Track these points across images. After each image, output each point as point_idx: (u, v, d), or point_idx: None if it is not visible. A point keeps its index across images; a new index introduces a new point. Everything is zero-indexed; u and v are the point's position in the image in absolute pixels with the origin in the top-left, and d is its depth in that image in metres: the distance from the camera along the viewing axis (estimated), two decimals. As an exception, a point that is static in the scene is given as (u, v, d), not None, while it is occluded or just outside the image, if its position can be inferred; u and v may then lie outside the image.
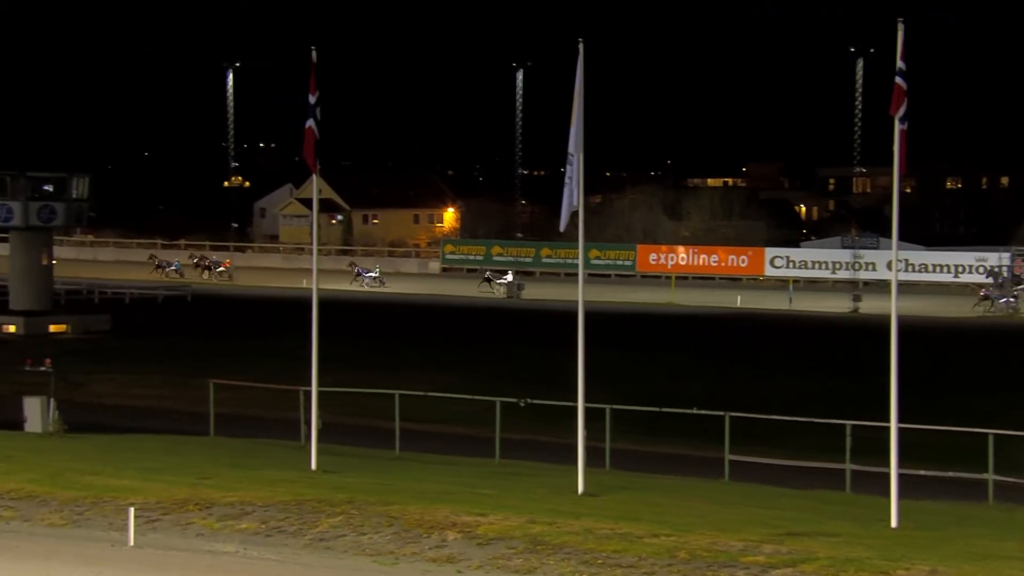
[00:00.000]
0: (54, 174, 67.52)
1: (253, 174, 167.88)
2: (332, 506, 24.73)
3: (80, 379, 49.08)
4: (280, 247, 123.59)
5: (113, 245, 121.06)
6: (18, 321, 65.53)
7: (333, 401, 37.02)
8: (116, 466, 29.07)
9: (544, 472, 31.23)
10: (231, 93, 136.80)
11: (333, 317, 41.47)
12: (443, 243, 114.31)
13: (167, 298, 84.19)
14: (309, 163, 28.68)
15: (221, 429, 37.40)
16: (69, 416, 35.95)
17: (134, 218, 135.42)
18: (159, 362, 55.75)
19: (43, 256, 67.28)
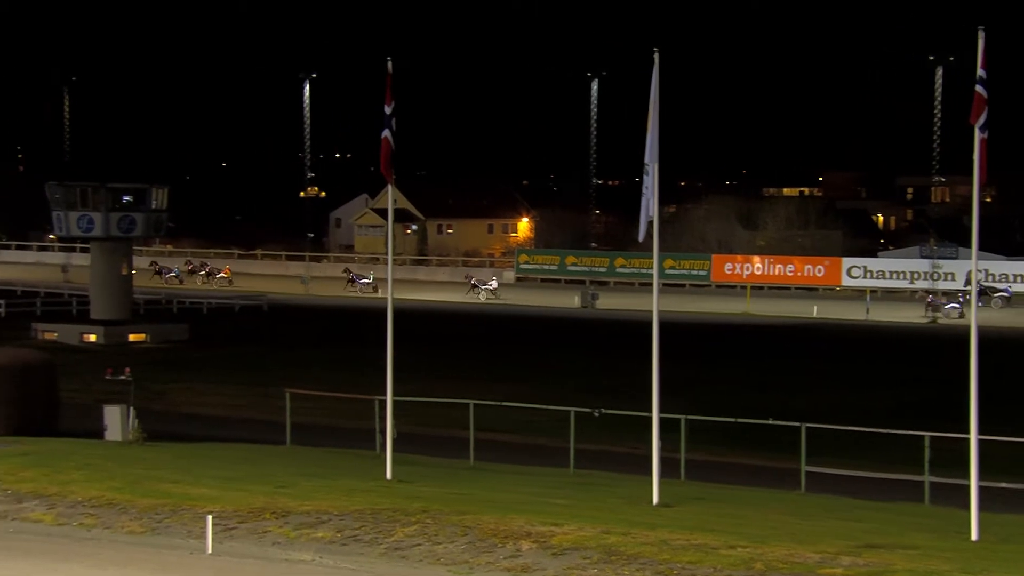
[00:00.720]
0: (134, 185, 68.35)
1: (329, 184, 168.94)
2: (407, 515, 24.81)
3: (159, 388, 49.60)
4: (355, 257, 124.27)
5: (191, 255, 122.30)
6: (99, 330, 66.35)
7: (408, 411, 37.16)
8: (194, 474, 29.34)
9: (619, 482, 31.15)
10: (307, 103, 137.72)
11: (407, 326, 41.60)
12: (517, 253, 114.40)
13: (244, 308, 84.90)
14: (385, 173, 28.82)
15: (298, 438, 37.64)
16: (148, 424, 36.33)
17: (211, 228, 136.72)
18: (236, 371, 56.22)
19: (123, 266, 68.09)
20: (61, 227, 68.29)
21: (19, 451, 31.95)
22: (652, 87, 25.77)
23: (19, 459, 30.71)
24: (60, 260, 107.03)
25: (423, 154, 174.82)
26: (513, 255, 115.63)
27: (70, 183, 67.77)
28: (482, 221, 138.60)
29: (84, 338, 66.21)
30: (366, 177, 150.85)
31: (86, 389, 46.97)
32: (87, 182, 67.41)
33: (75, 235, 70.84)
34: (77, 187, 67.09)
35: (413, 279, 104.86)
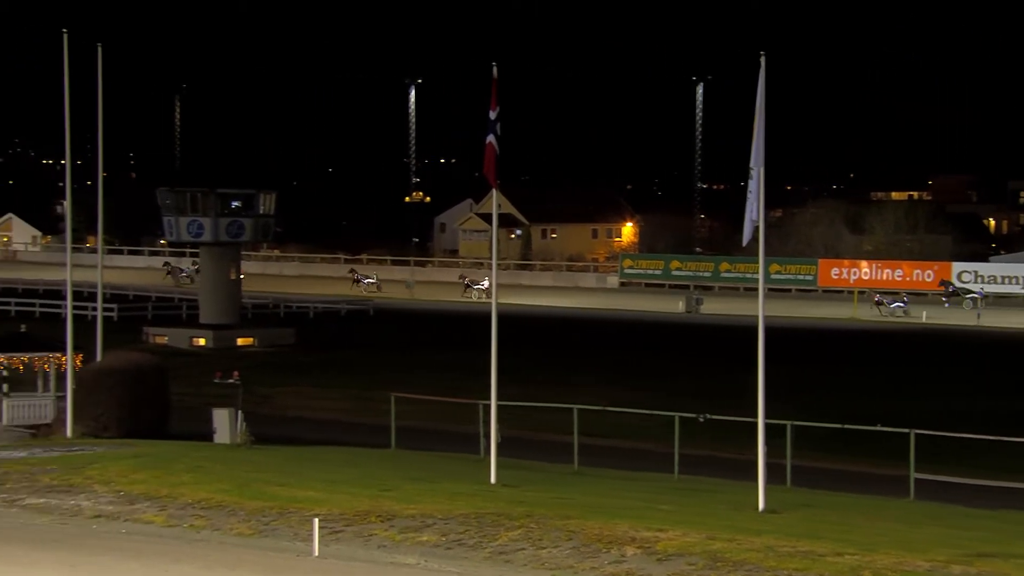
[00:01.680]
0: (242, 190, 69.10)
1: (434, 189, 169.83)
2: (511, 520, 24.84)
3: (266, 391, 50.12)
4: (459, 261, 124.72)
5: (298, 260, 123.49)
6: (208, 334, 67.20)
7: (512, 415, 37.19)
8: (301, 477, 29.62)
9: (724, 488, 30.93)
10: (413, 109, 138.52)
11: (511, 331, 41.66)
12: (621, 258, 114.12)
13: (350, 312, 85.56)
14: (489, 178, 28.90)
15: (402, 442, 37.85)
16: (255, 427, 36.73)
17: (317, 233, 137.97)
18: (341, 375, 56.66)
19: (231, 271, 68.90)
20: (172, 232, 69.30)
21: (131, 453, 32.47)
22: (758, 90, 25.58)
23: (131, 461, 31.22)
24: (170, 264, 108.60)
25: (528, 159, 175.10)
26: (617, 260, 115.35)
27: (180, 189, 68.69)
28: (586, 226, 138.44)
29: (193, 342, 67.09)
30: (471, 182, 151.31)
31: (195, 392, 47.61)
32: (197, 188, 68.26)
33: (185, 240, 71.87)
34: (187, 193, 67.98)
35: (517, 284, 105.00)
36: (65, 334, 37.51)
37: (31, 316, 72.65)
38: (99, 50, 39.04)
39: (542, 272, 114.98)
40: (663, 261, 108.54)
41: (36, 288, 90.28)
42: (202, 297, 69.68)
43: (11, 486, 29.07)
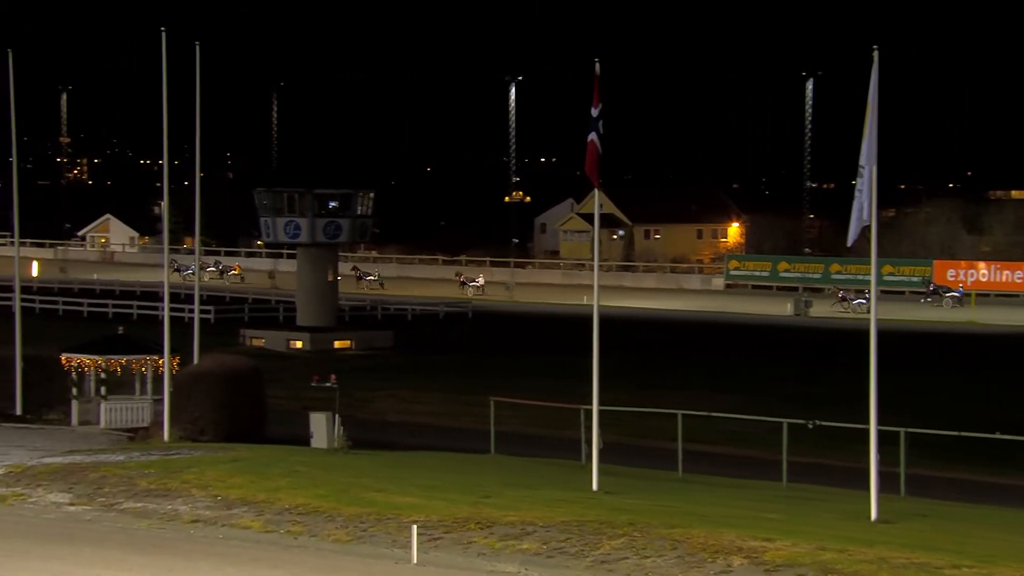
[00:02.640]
0: (340, 190, 69.59)
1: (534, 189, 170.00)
2: (614, 528, 24.78)
3: (363, 395, 50.45)
4: (560, 263, 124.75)
5: (396, 261, 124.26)
6: (305, 337, 67.80)
7: (614, 420, 37.12)
8: (399, 483, 29.77)
9: (834, 497, 30.63)
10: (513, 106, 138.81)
11: (612, 334, 41.60)
12: (727, 259, 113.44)
13: (448, 314, 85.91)
14: (591, 177, 28.86)
15: (502, 447, 37.91)
16: (353, 432, 36.98)
17: (416, 234, 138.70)
18: (440, 379, 56.88)
19: (329, 272, 69.45)
20: (268, 233, 70.02)
21: (228, 457, 32.85)
22: (871, 86, 25.30)
23: (228, 465, 31.59)
24: (267, 266, 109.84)
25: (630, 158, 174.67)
26: (723, 261, 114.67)
27: (277, 189, 69.33)
28: (690, 226, 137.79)
29: (291, 344, 67.73)
30: (572, 181, 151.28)
31: (292, 396, 48.04)
32: (294, 188, 68.86)
33: (282, 241, 72.57)
34: (284, 193, 68.62)
35: (619, 286, 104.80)
36: (162, 336, 38.04)
37: (128, 318, 73.81)
38: (197, 48, 39.55)
39: (645, 274, 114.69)
40: (770, 262, 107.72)
41: (133, 290, 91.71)
42: (299, 299, 70.30)
43: (109, 490, 29.55)
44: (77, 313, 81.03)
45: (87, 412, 40.01)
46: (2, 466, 32.15)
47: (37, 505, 28.92)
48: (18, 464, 32.30)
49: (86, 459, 32.80)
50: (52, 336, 53.57)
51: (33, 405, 40.84)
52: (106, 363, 39.68)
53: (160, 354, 38.69)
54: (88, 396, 40.15)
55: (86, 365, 39.79)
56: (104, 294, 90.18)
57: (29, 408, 40.85)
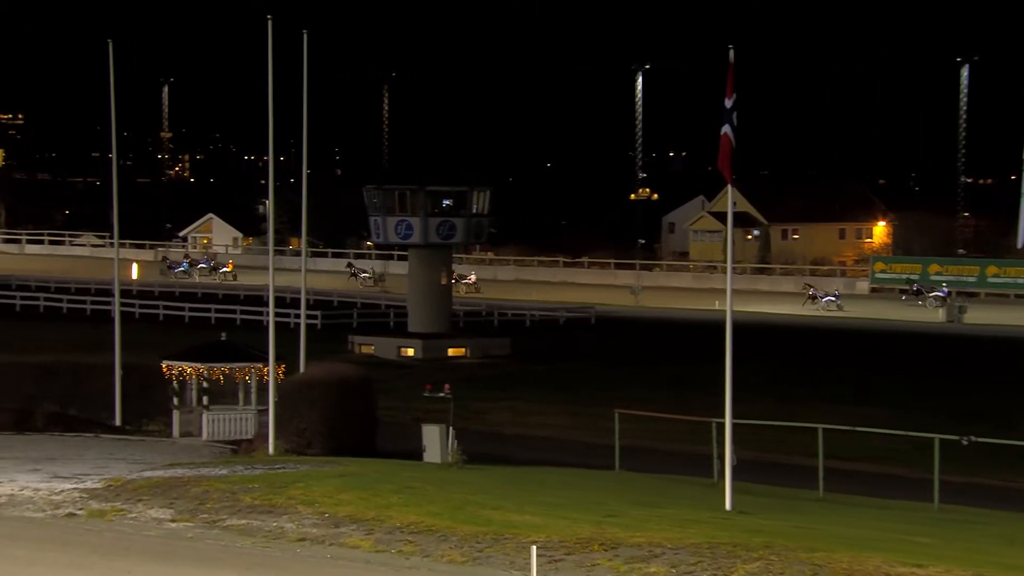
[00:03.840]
0: (454, 188, 69.79)
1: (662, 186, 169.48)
2: (748, 551, 24.63)
3: (479, 406, 50.60)
4: (690, 265, 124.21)
5: (513, 263, 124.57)
6: (416, 344, 68.15)
7: (748, 435, 36.87)
8: (517, 500, 29.82)
9: (992, 519, 30.17)
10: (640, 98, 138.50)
11: (746, 342, 41.28)
12: (872, 260, 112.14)
13: (569, 320, 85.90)
14: (724, 173, 28.72)
15: (627, 463, 37.84)
16: (468, 445, 37.12)
17: (535, 234, 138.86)
18: (560, 389, 56.87)
19: (442, 275, 69.76)
20: (378, 234, 70.47)
21: (336, 472, 33.14)
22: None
23: (337, 481, 31.86)
24: (378, 269, 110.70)
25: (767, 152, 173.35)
26: (868, 263, 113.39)
27: (388, 187, 69.70)
28: (832, 225, 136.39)
29: (402, 352, 68.12)
30: (702, 178, 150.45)
31: (404, 407, 48.36)
32: (405, 185, 69.17)
33: (393, 242, 73.01)
34: (395, 191, 68.99)
35: (754, 289, 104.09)
36: (267, 343, 38.47)
37: (231, 323, 74.82)
38: (304, 38, 40.00)
39: (782, 277, 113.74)
40: (920, 264, 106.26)
41: (237, 293, 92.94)
42: (411, 304, 70.69)
43: (212, 506, 29.96)
44: (178, 318, 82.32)
45: (188, 423, 40.62)
46: (101, 479, 32.75)
47: (137, 521, 29.41)
48: (118, 477, 32.88)
49: (188, 473, 33.29)
50: (152, 343, 54.46)
51: (133, 415, 41.56)
52: (208, 371, 40.23)
53: (265, 362, 39.13)
54: (189, 406, 40.76)
55: (187, 373, 40.39)
56: (206, 298, 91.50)
57: (129, 419, 41.57)
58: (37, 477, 33.16)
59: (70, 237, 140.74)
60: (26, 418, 40.96)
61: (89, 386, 42.05)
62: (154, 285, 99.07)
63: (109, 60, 42.51)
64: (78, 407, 41.79)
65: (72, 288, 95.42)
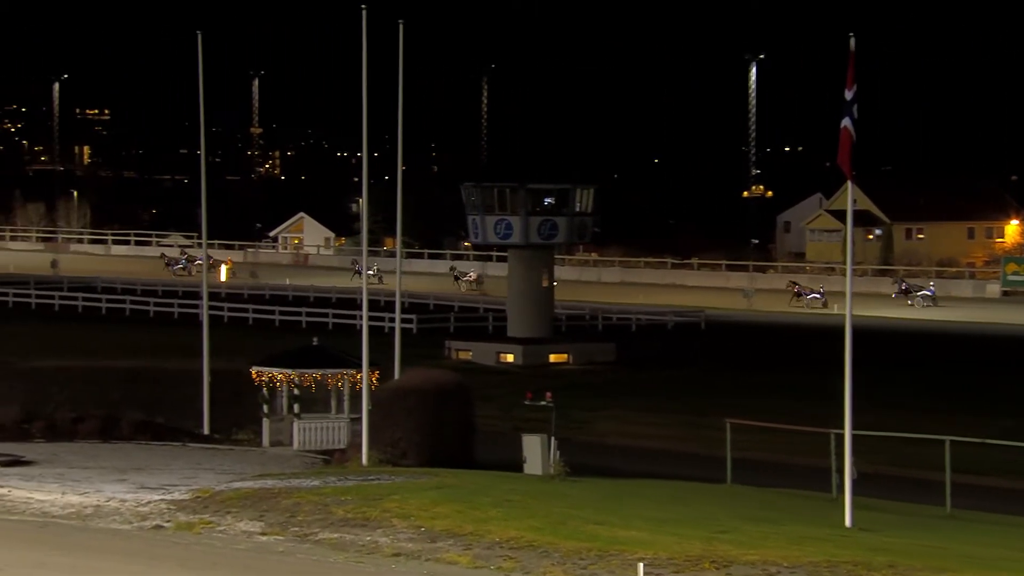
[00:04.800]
0: (556, 185, 69.81)
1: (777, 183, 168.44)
2: (871, 570, 24.43)
3: (582, 416, 50.60)
4: (807, 267, 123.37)
5: (618, 265, 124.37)
6: (516, 350, 68.24)
7: (870, 447, 36.57)
8: (622, 515, 29.79)
9: None
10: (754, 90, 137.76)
11: (868, 348, 40.96)
12: (1004, 262, 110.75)
13: (677, 325, 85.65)
14: (844, 169, 28.52)
15: (739, 476, 37.66)
16: (571, 456, 37.12)
17: (642, 234, 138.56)
18: (669, 398, 56.74)
19: (543, 277, 69.78)
20: (477, 233, 70.63)
21: (433, 484, 33.27)
22: None
23: (433, 493, 31.98)
24: (475, 270, 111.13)
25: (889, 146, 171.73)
26: (999, 264, 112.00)
27: (487, 184, 69.86)
28: (960, 224, 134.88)
29: (501, 358, 68.24)
30: (820, 174, 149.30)
31: (503, 416, 48.45)
32: (505, 183, 69.29)
33: (491, 242, 73.15)
34: (494, 188, 69.13)
35: (875, 292, 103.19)
36: (361, 348, 38.68)
37: (323, 328, 75.36)
38: (400, 28, 40.21)
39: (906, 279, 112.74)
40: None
41: (329, 296, 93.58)
42: (510, 307, 70.79)
43: (303, 519, 30.18)
44: (268, 322, 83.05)
45: (279, 432, 40.97)
46: (189, 490, 33.11)
47: (226, 534, 29.70)
48: (206, 488, 33.22)
49: (278, 484, 33.57)
50: (242, 348, 54.99)
51: (222, 424, 41.97)
52: (299, 378, 40.53)
53: (358, 368, 39.35)
54: (280, 414, 41.10)
55: (278, 380, 40.73)
56: (297, 301, 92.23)
57: (217, 427, 41.99)
58: (123, 487, 33.60)
59: (157, 237, 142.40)
60: (112, 426, 41.52)
61: (177, 393, 42.54)
62: (243, 288, 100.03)
63: (198, 52, 42.98)
64: (165, 415, 42.28)
65: (159, 291, 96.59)
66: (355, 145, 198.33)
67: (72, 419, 41.52)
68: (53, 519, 31.36)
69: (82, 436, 41.08)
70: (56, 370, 43.93)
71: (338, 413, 40.92)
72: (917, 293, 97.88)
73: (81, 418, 41.58)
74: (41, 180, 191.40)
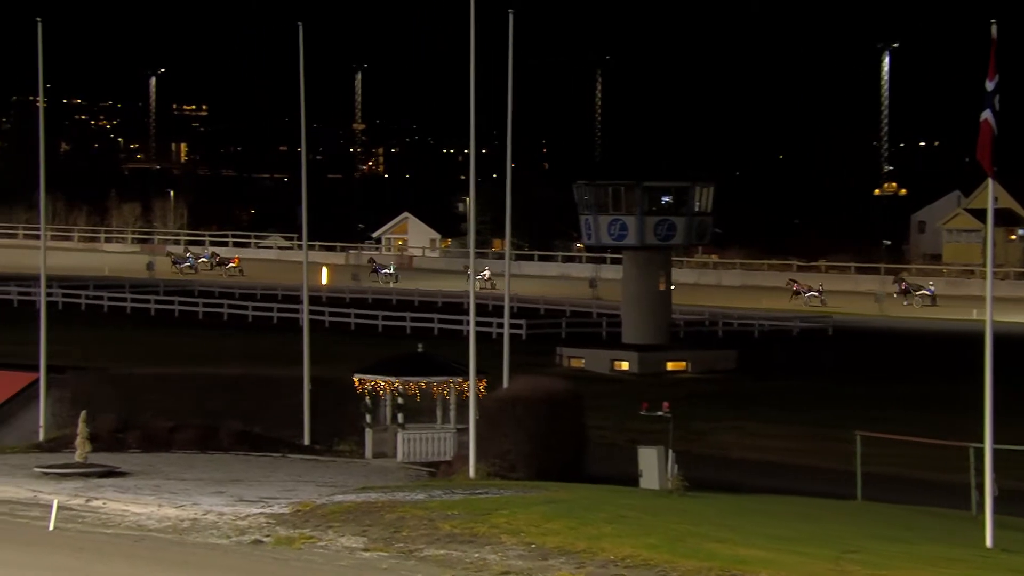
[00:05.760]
0: (674, 183, 69.68)
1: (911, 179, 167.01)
2: (1011, 594, 24.12)
3: (701, 427, 50.45)
4: (943, 269, 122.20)
5: (740, 267, 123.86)
6: (631, 357, 68.18)
7: (1013, 462, 36.09)
8: (744, 532, 29.64)
9: None
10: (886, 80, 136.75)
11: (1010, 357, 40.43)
12: None
13: (803, 331, 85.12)
14: (984, 164, 28.18)
15: (870, 492, 37.36)
16: (689, 470, 36.98)
17: (765, 235, 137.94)
18: (794, 408, 56.40)
19: (660, 280, 69.64)
20: (590, 234, 70.62)
21: (543, 498, 33.28)
22: None
23: (544, 508, 31.99)
24: (587, 273, 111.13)
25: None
26: None
27: (601, 182, 69.87)
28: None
29: (615, 366, 68.21)
30: (957, 170, 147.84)
31: (617, 427, 48.39)
32: (620, 181, 69.23)
33: (604, 243, 73.09)
34: (609, 187, 69.12)
35: (1018, 297, 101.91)
36: (468, 355, 38.76)
37: (428, 333, 75.71)
38: (510, 17, 40.24)
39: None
40: None
41: (434, 300, 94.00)
42: (625, 312, 70.72)
43: (408, 534, 30.29)
44: (371, 327, 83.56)
45: (382, 442, 41.16)
46: (289, 503, 33.35)
47: (328, 550, 29.88)
48: (307, 501, 33.45)
49: (382, 497, 33.72)
50: (343, 354, 55.34)
51: (323, 434, 42.23)
52: (403, 386, 40.71)
53: (465, 376, 39.46)
54: (383, 424, 41.31)
55: (381, 388, 40.92)
56: (401, 305, 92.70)
57: (318, 437, 42.26)
58: (221, 500, 33.91)
59: (256, 239, 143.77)
60: (210, 435, 41.95)
61: (276, 401, 42.88)
62: (345, 291, 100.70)
63: (299, 45, 43.29)
64: (264, 424, 42.63)
65: (258, 294, 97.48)
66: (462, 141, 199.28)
67: (168, 428, 41.99)
68: (149, 532, 31.72)
69: (178, 446, 41.55)
70: (152, 377, 44.48)
71: (444, 423, 41.05)
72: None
73: (177, 427, 42.05)
74: (137, 179, 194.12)
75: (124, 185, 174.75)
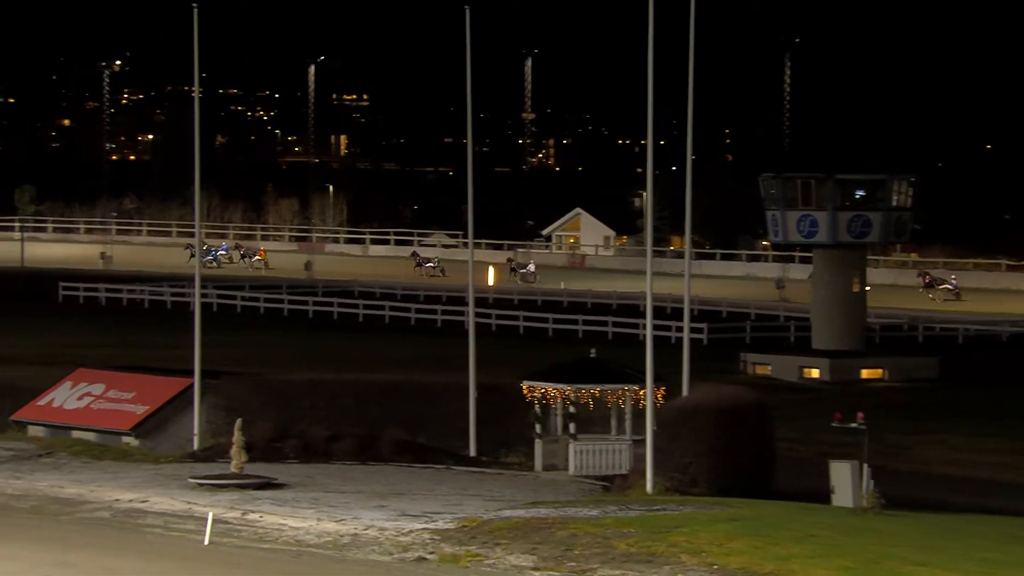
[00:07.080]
0: (868, 176, 69.02)
1: None
2: None
3: (900, 440, 49.87)
4: None
5: (943, 266, 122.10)
6: (823, 364, 67.61)
7: None
8: (948, 555, 29.31)
9: None
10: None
11: None
12: None
13: (1014, 336, 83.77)
14: None
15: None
16: (886, 487, 36.61)
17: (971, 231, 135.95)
18: (1004, 421, 55.55)
19: (854, 281, 68.99)
20: (777, 231, 70.16)
21: (726, 515, 33.18)
22: None
23: (727, 525, 31.90)
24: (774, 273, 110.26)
25: None
26: None
27: (789, 175, 69.38)
28: None
29: (804, 373, 67.69)
30: None
31: (806, 439, 48.02)
32: (810, 173, 68.73)
33: (793, 241, 72.58)
34: (797, 180, 68.61)
35: None
36: (644, 361, 38.70)
37: (602, 337, 75.65)
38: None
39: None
40: None
41: (608, 302, 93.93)
42: (815, 315, 70.15)
43: (580, 552, 30.35)
44: (540, 331, 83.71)
45: (552, 454, 41.25)
46: (454, 519, 33.57)
47: (496, 568, 30.05)
48: (473, 517, 33.64)
49: (552, 513, 33.81)
50: (511, 360, 55.48)
51: (489, 445, 42.43)
52: (575, 394, 40.75)
53: (641, 383, 39.42)
54: (554, 434, 41.39)
55: (551, 396, 41.01)
56: (572, 307, 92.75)
57: (484, 448, 42.47)
58: (383, 514, 34.22)
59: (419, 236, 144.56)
60: (370, 445, 42.35)
61: (440, 409, 43.16)
62: (512, 293, 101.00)
63: (466, 30, 43.52)
64: (427, 434, 42.95)
65: (421, 296, 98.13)
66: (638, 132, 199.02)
67: (327, 437, 42.48)
68: (308, 548, 32.13)
69: (338, 456, 42.00)
70: (310, 383, 45.01)
71: (619, 434, 41.04)
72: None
73: (336, 436, 42.52)
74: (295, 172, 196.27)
75: (281, 179, 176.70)
